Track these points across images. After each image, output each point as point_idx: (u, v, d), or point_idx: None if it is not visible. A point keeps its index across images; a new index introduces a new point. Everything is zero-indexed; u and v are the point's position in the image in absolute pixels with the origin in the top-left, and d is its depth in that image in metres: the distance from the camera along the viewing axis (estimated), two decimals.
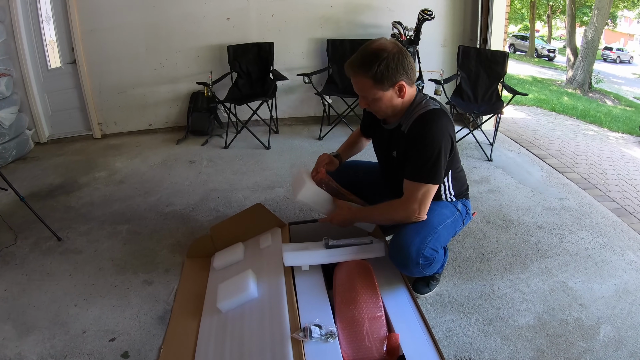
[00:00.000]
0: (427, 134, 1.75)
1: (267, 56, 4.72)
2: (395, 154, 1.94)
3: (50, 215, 3.07)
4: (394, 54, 1.73)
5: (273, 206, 3.15)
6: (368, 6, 4.82)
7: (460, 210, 2.10)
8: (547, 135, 5.91)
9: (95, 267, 2.50)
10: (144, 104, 4.97)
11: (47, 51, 4.93)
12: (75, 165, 4.15)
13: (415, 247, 1.84)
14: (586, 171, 4.46)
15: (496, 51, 4.57)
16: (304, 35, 4.91)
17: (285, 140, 4.60)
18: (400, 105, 1.86)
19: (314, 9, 4.82)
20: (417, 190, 1.80)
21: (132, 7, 4.65)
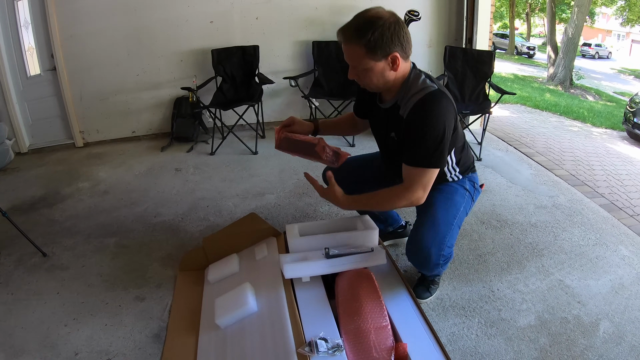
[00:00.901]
0: (427, 120, 1.66)
1: (252, 60, 4.67)
2: (395, 135, 1.85)
3: (34, 230, 2.96)
4: (390, 23, 1.64)
5: (265, 214, 3.10)
6: (353, 7, 4.68)
7: (469, 189, 2.06)
8: (533, 133, 5.98)
9: (84, 283, 2.41)
10: (127, 110, 4.87)
11: (26, 58, 4.81)
12: (58, 176, 4.03)
13: (435, 249, 1.88)
14: (574, 168, 4.53)
15: (483, 51, 4.60)
16: (289, 37, 4.88)
17: (272, 145, 4.43)
18: (392, 80, 1.75)
19: (298, 11, 4.78)
20: (421, 176, 1.72)
21: (112, 11, 4.55)
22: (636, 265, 2.64)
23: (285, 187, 3.52)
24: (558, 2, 20.16)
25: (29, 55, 4.83)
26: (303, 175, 3.54)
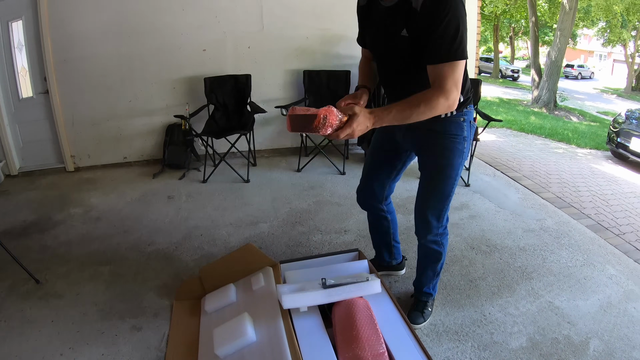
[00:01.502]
0: (447, 10, 1.57)
1: (244, 88, 4.72)
2: (406, 32, 1.71)
3: (26, 256, 2.93)
4: None
5: (259, 242, 3.12)
6: (343, 37, 4.90)
7: (466, 135, 1.97)
8: (519, 157, 6.13)
9: (79, 312, 2.40)
10: (119, 136, 4.88)
11: (19, 80, 4.84)
12: (49, 201, 4.02)
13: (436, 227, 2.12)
14: (560, 190, 4.65)
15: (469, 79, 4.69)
16: (280, 66, 4.94)
17: (264, 173, 4.58)
18: None
19: (289, 41, 4.87)
20: (452, 71, 1.62)
21: (106, 37, 4.60)
22: (623, 284, 2.73)
23: (279, 216, 3.54)
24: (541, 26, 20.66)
25: (22, 77, 4.86)
26: (295, 204, 3.57)
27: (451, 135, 1.95)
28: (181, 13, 4.62)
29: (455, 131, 1.95)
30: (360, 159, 4.96)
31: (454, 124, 1.94)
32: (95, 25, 4.56)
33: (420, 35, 1.65)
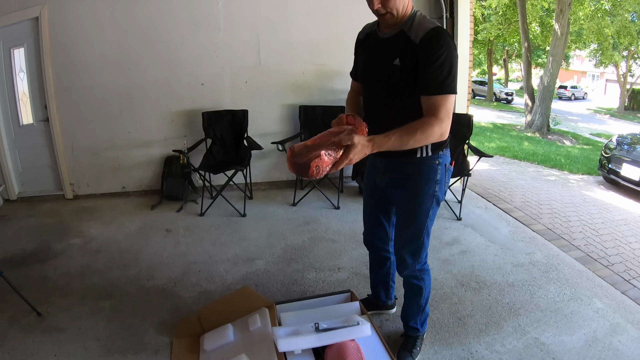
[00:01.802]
0: (443, 46, 1.73)
1: (241, 123, 4.82)
2: (399, 62, 1.84)
3: (27, 286, 2.97)
4: None
5: (255, 280, 3.17)
6: (338, 72, 5.01)
7: (439, 177, 2.04)
8: (511, 186, 6.22)
9: (81, 347, 2.44)
10: (117, 166, 4.97)
11: (20, 106, 4.93)
12: (48, 229, 4.09)
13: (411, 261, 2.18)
14: (550, 221, 4.72)
15: (461, 114, 4.85)
16: (277, 101, 5.05)
17: (260, 207, 4.64)
18: (406, 4, 1.85)
19: (286, 76, 4.99)
20: (444, 103, 1.77)
21: (107, 68, 4.71)
22: (609, 317, 2.80)
23: (274, 252, 3.59)
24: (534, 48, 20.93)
25: (23, 103, 4.95)
26: (291, 240, 3.68)
27: (423, 179, 2.03)
28: (180, 47, 4.75)
29: (428, 174, 2.02)
30: (355, 192, 5.05)
31: (427, 166, 2.01)
32: (97, 56, 4.69)
33: (415, 67, 1.79)
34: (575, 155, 10.23)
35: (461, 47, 5.12)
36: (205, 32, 4.78)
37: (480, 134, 11.98)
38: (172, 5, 4.69)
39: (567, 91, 31.43)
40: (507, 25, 17.48)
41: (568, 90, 31.68)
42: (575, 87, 33.19)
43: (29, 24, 4.69)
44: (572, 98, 31.13)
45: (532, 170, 7.96)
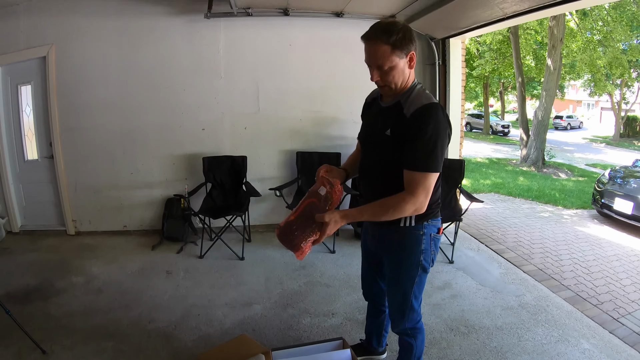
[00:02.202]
0: (431, 124, 1.79)
1: (240, 169, 4.95)
2: (390, 132, 1.91)
3: (30, 323, 3.04)
4: (406, 27, 1.86)
5: (252, 324, 3.24)
6: (334, 119, 5.20)
7: (424, 247, 2.07)
8: (504, 225, 6.31)
9: None
10: (119, 205, 5.09)
11: (25, 142, 5.08)
12: (51, 266, 4.18)
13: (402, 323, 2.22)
14: (542, 261, 4.81)
15: (454, 160, 4.98)
16: (275, 147, 5.20)
17: (258, 250, 4.69)
18: (407, 78, 1.91)
19: (284, 122, 5.15)
20: (423, 180, 1.82)
21: (111, 110, 4.89)
22: (596, 358, 2.87)
23: (271, 297, 3.66)
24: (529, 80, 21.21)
25: (28, 139, 5.11)
26: (287, 285, 3.78)
27: (407, 248, 2.07)
28: (182, 93, 4.95)
29: (411, 244, 2.06)
30: (350, 236, 5.13)
31: (410, 236, 2.05)
32: (101, 98, 4.88)
33: (402, 140, 1.85)
34: (570, 189, 10.26)
35: (453, 92, 5.34)
36: (207, 79, 4.97)
37: (476, 171, 12.03)
38: (175, 52, 4.90)
39: (562, 121, 31.56)
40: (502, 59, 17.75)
41: (564, 120, 31.83)
42: (570, 116, 33.37)
43: (36, 62, 4.89)
44: (568, 128, 31.25)
45: (527, 207, 7.99)
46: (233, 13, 4.67)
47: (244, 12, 4.75)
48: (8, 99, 5.03)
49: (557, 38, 12.60)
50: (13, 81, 5.04)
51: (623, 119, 26.39)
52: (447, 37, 5.21)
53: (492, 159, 15.55)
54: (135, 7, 4.78)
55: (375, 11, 4.91)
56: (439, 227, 2.13)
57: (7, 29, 4.82)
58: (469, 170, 11.64)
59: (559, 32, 12.59)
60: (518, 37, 14.56)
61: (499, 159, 15.60)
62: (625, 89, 24.97)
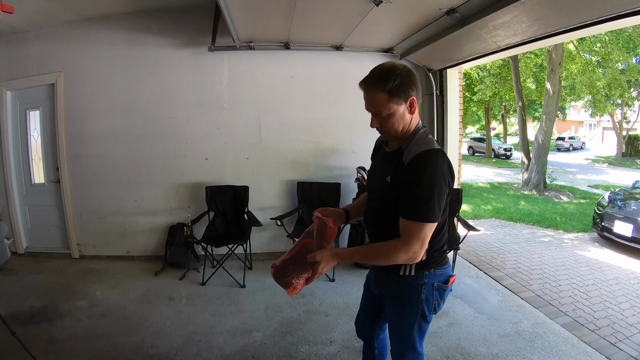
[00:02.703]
0: (428, 172, 1.72)
1: (242, 199, 5.04)
2: (390, 180, 1.85)
3: (35, 345, 3.10)
4: (406, 71, 1.80)
5: (252, 352, 3.28)
6: (334, 150, 5.31)
7: (424, 297, 1.94)
8: (504, 252, 6.31)
9: None
10: (124, 231, 5.20)
11: (32, 166, 5.25)
12: (55, 288, 4.29)
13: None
14: (540, 287, 4.82)
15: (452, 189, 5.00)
16: (276, 177, 5.30)
17: (259, 278, 4.71)
18: (408, 124, 1.86)
19: (285, 153, 5.26)
20: (417, 230, 1.73)
21: (117, 139, 5.04)
22: None
23: (271, 325, 3.69)
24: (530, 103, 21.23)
25: (35, 163, 5.28)
26: (287, 313, 3.82)
27: (405, 297, 1.98)
28: (186, 123, 5.09)
29: (410, 294, 1.96)
30: (350, 265, 5.11)
31: (409, 287, 1.95)
32: (108, 127, 5.03)
33: (400, 187, 1.78)
34: (571, 212, 10.19)
35: (451, 123, 5.44)
36: (210, 110, 5.12)
37: (477, 196, 11.96)
38: (180, 84, 5.06)
39: (565, 142, 31.64)
40: (503, 83, 17.83)
41: (566, 141, 31.89)
42: (573, 137, 33.44)
43: (45, 89, 5.08)
44: (570, 149, 31.27)
45: (527, 232, 7.94)
46: (236, 46, 4.84)
47: (247, 45, 4.92)
48: (17, 123, 5.22)
49: (555, 62, 12.69)
50: (22, 106, 5.23)
51: (625, 138, 26.36)
52: (444, 68, 5.33)
53: (494, 183, 15.45)
54: (142, 38, 4.97)
55: (374, 44, 5.06)
56: (448, 276, 1.99)
57: (18, 55, 5.03)
58: (470, 195, 11.72)
59: (558, 56, 12.70)
60: (517, 61, 14.62)
61: (500, 183, 15.50)
62: (626, 108, 24.88)
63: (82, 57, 5.01)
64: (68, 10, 4.72)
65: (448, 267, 1.99)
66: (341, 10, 3.83)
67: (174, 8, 4.87)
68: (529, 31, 3.52)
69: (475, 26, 3.62)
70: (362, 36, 4.63)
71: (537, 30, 3.46)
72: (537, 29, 3.44)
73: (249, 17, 4.12)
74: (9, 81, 5.13)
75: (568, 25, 3.21)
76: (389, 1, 3.40)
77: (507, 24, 3.46)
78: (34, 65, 5.04)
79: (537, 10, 3.09)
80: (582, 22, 3.08)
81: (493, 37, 3.86)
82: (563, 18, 3.13)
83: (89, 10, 4.78)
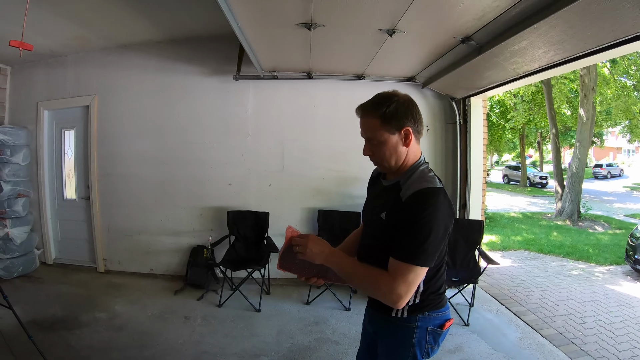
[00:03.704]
0: (425, 212, 1.59)
1: (263, 224, 5.10)
2: (384, 216, 1.73)
3: (51, 351, 3.27)
4: (405, 100, 1.73)
5: None
6: (357, 178, 5.22)
7: (416, 340, 1.80)
8: (530, 285, 6.06)
9: None
10: (148, 249, 5.36)
11: (65, 182, 5.55)
12: (78, 300, 4.47)
13: None
14: (564, 324, 4.60)
15: (473, 220, 5.01)
16: (298, 204, 5.34)
17: (275, 304, 4.70)
18: (403, 157, 1.76)
19: (307, 181, 5.31)
20: (409, 272, 1.59)
21: (145, 162, 5.25)
22: None
23: (280, 351, 3.67)
24: (566, 129, 20.65)
25: (68, 179, 5.57)
26: (298, 339, 3.83)
27: (396, 340, 1.84)
28: (211, 149, 5.24)
29: (401, 337, 1.82)
30: None
31: (400, 328, 1.81)
32: (138, 149, 5.25)
33: (395, 225, 1.65)
34: (604, 244, 9.80)
35: (475, 151, 5.33)
36: (235, 137, 5.26)
37: (508, 226, 11.60)
38: (207, 110, 5.24)
39: (602, 170, 30.33)
40: (538, 109, 17.40)
41: (604, 168, 30.58)
42: (610, 164, 32.14)
43: (80, 110, 5.39)
44: (608, 176, 29.94)
45: (556, 265, 7.62)
46: (260, 76, 5.00)
47: (270, 75, 5.06)
48: (52, 141, 5.54)
49: (588, 87, 12.27)
50: (58, 125, 5.56)
51: None
52: (467, 97, 5.29)
53: (527, 213, 14.96)
54: (172, 65, 5.20)
55: (395, 73, 5.11)
56: (445, 319, 1.84)
57: (56, 77, 5.38)
58: (500, 225, 11.44)
59: (591, 81, 12.29)
60: (551, 87, 14.30)
61: (533, 213, 15.00)
62: None
63: (115, 81, 5.27)
64: (103, 38, 5.00)
65: (445, 310, 1.84)
66: (357, 42, 3.90)
67: (202, 37, 5.08)
68: (546, 57, 3.48)
69: (492, 54, 3.62)
70: (382, 65, 4.69)
71: (555, 56, 3.41)
72: (555, 55, 3.38)
73: (270, 49, 4.26)
74: (47, 101, 5.46)
75: (585, 49, 3.12)
76: (402, 31, 3.45)
77: (523, 51, 3.44)
78: (70, 88, 5.35)
79: (551, 35, 3.03)
80: (600, 45, 2.99)
81: (511, 65, 3.83)
82: (579, 42, 3.06)
83: (123, 38, 5.05)
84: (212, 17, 3.26)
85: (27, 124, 5.47)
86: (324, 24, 3.41)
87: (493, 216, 12.89)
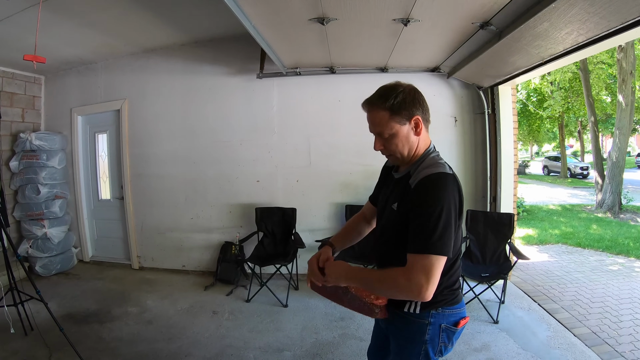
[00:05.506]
0: (436, 197, 1.57)
1: (290, 220, 5.15)
2: (396, 207, 1.73)
3: (82, 342, 3.48)
4: (410, 89, 1.72)
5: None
6: None
7: (429, 337, 1.76)
8: (565, 281, 5.78)
9: None
10: (180, 246, 5.51)
11: (100, 184, 5.78)
12: (112, 295, 4.68)
13: None
14: (598, 323, 4.35)
15: (503, 214, 4.86)
16: (325, 199, 5.35)
17: (303, 299, 4.71)
18: (415, 147, 1.76)
19: (334, 176, 5.31)
20: (427, 263, 1.53)
21: (176, 162, 5.39)
22: None
23: (303, 346, 3.70)
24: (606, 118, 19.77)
25: (103, 181, 5.81)
26: (322, 335, 3.85)
27: (408, 336, 1.81)
28: (239, 147, 5.33)
29: (413, 333, 1.78)
30: None
31: (412, 324, 1.78)
32: (168, 150, 5.40)
33: (407, 214, 1.63)
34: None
35: (505, 142, 5.17)
36: (261, 135, 5.32)
37: (546, 219, 11.16)
38: (233, 109, 5.32)
39: None
40: (576, 97, 16.71)
41: None
42: None
43: (112, 114, 5.60)
44: None
45: (594, 260, 7.28)
46: (282, 73, 5.04)
47: (293, 71, 5.09)
48: (87, 144, 5.78)
49: (626, 71, 11.55)
50: (91, 129, 5.80)
51: None
52: (495, 85, 5.14)
53: (566, 205, 14.40)
54: (198, 67, 5.31)
55: (418, 64, 5.03)
56: (460, 317, 1.80)
57: (88, 84, 5.59)
58: (538, 219, 11.09)
59: (629, 65, 11.59)
60: (588, 72, 13.68)
61: (572, 205, 14.42)
62: None
63: (144, 85, 5.44)
64: (129, 44, 5.16)
65: (460, 307, 1.79)
66: (373, 34, 3.87)
67: (224, 38, 5.16)
68: (570, 38, 3.31)
69: (513, 38, 3.49)
70: (403, 56, 4.64)
71: (579, 37, 3.24)
72: (578, 35, 3.22)
73: (288, 46, 4.29)
74: (80, 107, 5.69)
75: (610, 28, 2.96)
76: (417, 20, 3.40)
77: (545, 33, 3.30)
78: (101, 93, 5.55)
79: (572, 14, 2.89)
80: (624, 22, 2.82)
81: (535, 49, 3.69)
82: (602, 20, 2.89)
83: (148, 42, 5.19)
84: (230, 18, 3.30)
85: (62, 129, 5.72)
86: (336, 17, 3.40)
87: (531, 209, 12.48)
